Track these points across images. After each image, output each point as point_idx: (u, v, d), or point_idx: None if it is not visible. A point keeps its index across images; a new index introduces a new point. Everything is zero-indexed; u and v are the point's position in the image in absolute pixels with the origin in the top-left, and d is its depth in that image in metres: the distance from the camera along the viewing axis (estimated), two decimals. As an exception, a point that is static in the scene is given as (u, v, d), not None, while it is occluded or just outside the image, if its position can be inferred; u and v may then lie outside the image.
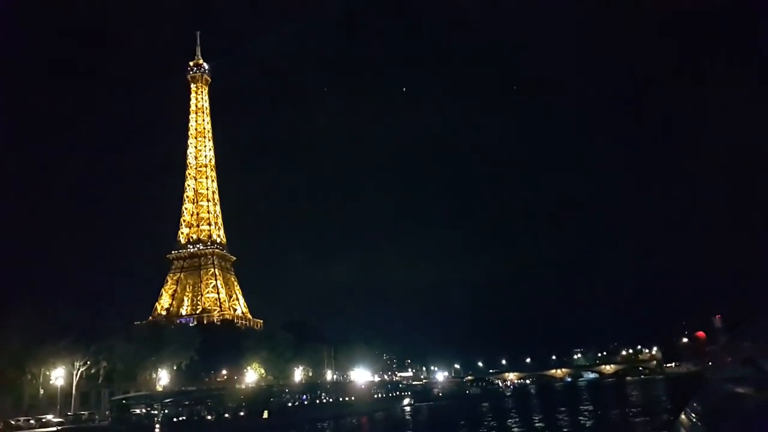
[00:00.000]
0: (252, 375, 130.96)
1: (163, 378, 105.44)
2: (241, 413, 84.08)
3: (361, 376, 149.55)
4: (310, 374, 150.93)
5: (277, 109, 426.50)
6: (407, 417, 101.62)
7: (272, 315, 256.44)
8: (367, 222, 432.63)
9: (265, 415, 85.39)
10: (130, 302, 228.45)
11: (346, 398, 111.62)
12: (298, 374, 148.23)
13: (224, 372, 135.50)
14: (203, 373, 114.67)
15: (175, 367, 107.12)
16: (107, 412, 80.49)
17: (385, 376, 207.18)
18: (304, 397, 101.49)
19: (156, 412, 78.98)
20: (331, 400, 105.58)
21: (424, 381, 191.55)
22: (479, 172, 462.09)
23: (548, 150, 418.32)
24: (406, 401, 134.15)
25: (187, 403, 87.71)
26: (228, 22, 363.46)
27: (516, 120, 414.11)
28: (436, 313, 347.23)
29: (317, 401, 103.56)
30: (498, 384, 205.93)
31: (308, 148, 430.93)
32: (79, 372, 79.92)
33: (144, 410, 78.69)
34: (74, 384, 79.51)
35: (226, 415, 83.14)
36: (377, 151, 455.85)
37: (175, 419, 79.15)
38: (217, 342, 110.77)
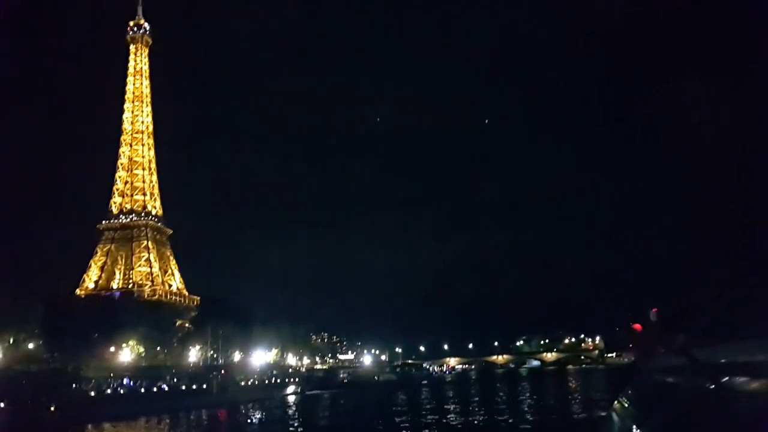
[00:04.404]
0: (128, 354, 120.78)
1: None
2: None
3: (261, 358, 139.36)
4: (210, 355, 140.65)
5: (229, 80, 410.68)
6: (276, 411, 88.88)
7: (214, 293, 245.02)
8: (325, 203, 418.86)
9: None
10: (55, 273, 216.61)
11: (203, 386, 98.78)
12: (194, 355, 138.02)
13: (112, 349, 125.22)
14: (60, 350, 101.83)
15: (11, 342, 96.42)
16: None
17: (317, 359, 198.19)
18: (129, 383, 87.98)
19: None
20: (166, 388, 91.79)
21: (334, 364, 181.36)
22: (443, 161, 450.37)
23: (513, 141, 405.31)
24: (290, 389, 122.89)
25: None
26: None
27: (483, 112, 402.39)
28: (391, 297, 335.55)
29: (154, 389, 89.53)
30: (433, 369, 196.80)
31: (264, 123, 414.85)
32: None
33: None
34: None
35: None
36: (337, 131, 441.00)
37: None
38: (72, 316, 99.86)
